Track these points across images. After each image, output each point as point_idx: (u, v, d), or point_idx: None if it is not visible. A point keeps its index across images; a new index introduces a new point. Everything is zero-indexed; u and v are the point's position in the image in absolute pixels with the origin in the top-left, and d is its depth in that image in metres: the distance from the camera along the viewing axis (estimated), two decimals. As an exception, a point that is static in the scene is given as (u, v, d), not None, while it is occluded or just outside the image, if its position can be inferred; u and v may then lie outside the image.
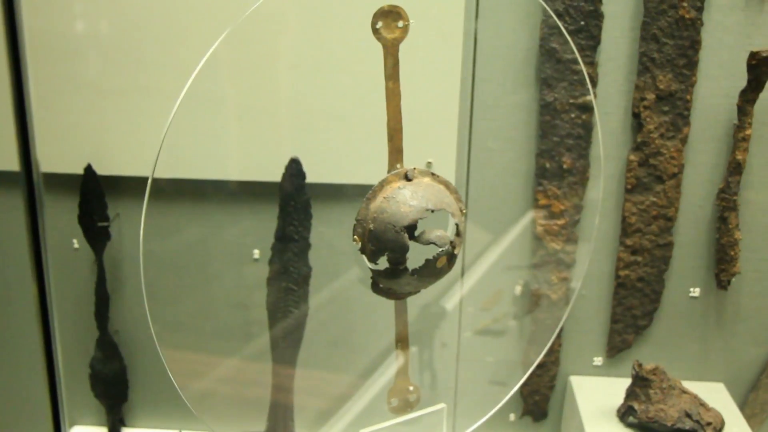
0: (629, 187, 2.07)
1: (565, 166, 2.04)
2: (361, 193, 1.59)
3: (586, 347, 2.26)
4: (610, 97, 2.03)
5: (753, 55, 1.92)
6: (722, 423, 2.04)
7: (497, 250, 2.16)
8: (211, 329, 2.20)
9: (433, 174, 1.68)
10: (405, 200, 1.62)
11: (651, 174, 2.06)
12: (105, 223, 2.08)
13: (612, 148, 2.06)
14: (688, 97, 2.00)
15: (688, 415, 2.00)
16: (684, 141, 2.03)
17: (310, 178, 2.04)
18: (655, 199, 2.08)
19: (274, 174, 2.03)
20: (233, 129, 2.00)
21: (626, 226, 2.11)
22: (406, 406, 1.80)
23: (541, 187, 2.07)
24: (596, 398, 2.18)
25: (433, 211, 1.63)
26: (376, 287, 1.68)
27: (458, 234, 1.61)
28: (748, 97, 1.97)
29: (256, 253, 2.14)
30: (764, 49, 1.90)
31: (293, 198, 1.89)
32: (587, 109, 2.00)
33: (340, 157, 2.00)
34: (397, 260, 1.62)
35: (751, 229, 2.12)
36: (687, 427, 1.99)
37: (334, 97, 1.97)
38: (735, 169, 2.03)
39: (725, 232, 2.08)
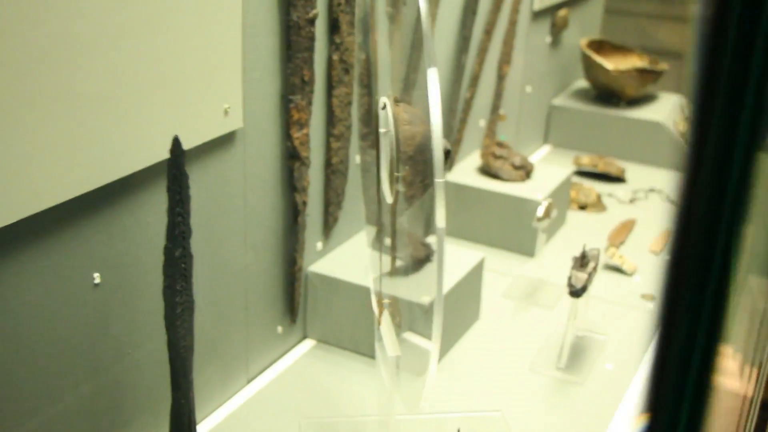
0: (333, 84, 2.36)
1: (305, 79, 2.20)
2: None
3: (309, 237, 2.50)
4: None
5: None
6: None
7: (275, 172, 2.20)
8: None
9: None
10: (419, 117, 1.70)
11: (344, 69, 2.38)
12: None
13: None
14: (361, -6, 2.36)
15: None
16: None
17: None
18: (346, 90, 2.42)
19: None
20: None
21: (333, 118, 2.40)
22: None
23: (293, 103, 2.18)
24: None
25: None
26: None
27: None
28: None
29: (97, 277, 1.71)
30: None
31: (179, 183, 1.61)
32: (314, 22, 2.18)
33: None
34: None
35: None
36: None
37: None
38: (382, 49, 2.52)
39: (380, 101, 2.58)
